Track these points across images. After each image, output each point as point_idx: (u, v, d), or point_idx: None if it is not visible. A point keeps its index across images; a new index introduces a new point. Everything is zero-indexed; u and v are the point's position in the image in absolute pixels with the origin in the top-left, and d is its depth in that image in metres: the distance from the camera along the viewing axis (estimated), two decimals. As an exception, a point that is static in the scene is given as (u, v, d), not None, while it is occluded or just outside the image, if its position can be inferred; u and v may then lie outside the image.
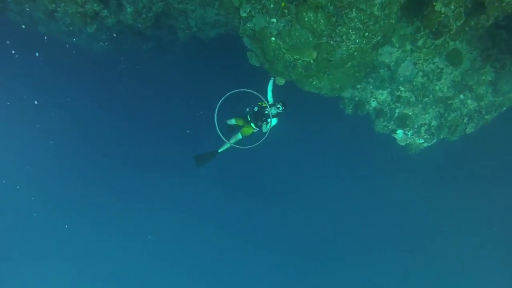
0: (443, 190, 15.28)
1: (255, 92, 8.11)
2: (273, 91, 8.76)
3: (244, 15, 7.42)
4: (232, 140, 9.17)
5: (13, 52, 14.69)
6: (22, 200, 19.30)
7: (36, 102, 17.02)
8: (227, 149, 9.33)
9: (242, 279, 21.15)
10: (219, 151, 9.38)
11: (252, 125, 9.05)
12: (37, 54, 14.95)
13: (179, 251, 21.09)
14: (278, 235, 19.69)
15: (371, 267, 18.85)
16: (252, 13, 7.34)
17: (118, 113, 18.15)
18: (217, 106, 7.62)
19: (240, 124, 9.24)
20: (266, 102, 8.45)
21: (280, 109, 8.84)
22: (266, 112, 8.77)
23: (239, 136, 9.20)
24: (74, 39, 13.72)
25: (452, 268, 17.59)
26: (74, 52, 14.44)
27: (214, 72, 15.20)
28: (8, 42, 14.17)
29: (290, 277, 20.40)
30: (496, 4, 6.23)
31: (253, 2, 7.20)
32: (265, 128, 8.85)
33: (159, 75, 16.55)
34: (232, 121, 9.37)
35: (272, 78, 8.71)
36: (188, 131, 16.79)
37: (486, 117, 9.54)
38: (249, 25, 7.63)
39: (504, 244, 16.13)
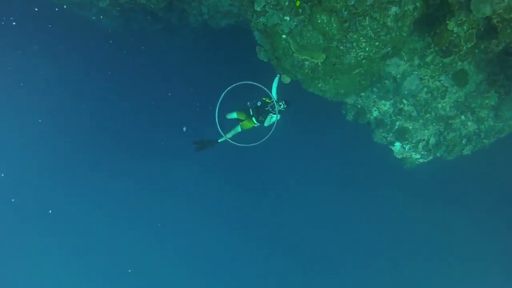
0: (433, 207, 15.44)
1: (263, 87, 8.15)
2: (277, 88, 8.80)
3: (258, 9, 7.46)
4: (231, 133, 9.22)
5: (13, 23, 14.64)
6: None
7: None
8: (232, 136, 9.36)
9: (232, 275, 21.23)
10: (218, 141, 9.42)
11: (254, 119, 9.09)
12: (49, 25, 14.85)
13: (174, 245, 21.03)
14: (265, 232, 19.74)
15: (357, 270, 19.00)
16: (266, 8, 7.38)
17: (118, 92, 17.96)
18: (221, 97, 7.65)
19: (242, 118, 9.26)
20: (272, 98, 8.49)
21: (281, 106, 8.89)
22: (268, 108, 8.83)
23: (239, 129, 9.25)
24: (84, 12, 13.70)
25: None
26: (82, 25, 14.38)
27: (220, 61, 15.12)
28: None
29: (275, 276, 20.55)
30: (508, 30, 6.30)
31: (268, -3, 7.24)
32: (268, 122, 8.88)
33: (165, 58, 16.45)
34: (233, 115, 9.35)
35: (278, 75, 8.76)
36: (184, 128, 16.72)
37: (484, 141, 9.65)
38: (261, 19, 7.68)
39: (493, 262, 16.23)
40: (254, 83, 7.91)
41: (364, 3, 6.61)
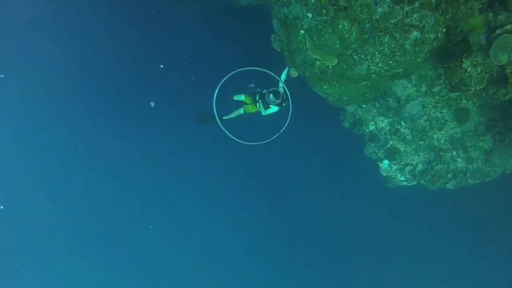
0: (405, 230, 15.86)
1: (276, 77, 8.21)
2: (285, 80, 8.80)
3: (283, -1, 7.56)
4: (234, 113, 9.27)
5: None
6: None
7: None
8: (230, 118, 9.47)
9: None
10: (223, 118, 9.46)
11: (257, 105, 9.09)
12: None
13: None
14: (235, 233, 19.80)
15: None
16: (291, 0, 7.47)
17: (114, 50, 17.07)
18: (225, 78, 7.65)
19: (248, 102, 9.26)
20: (283, 89, 8.46)
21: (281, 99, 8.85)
22: (271, 96, 8.72)
23: (241, 111, 9.24)
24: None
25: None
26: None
27: (231, 40, 14.70)
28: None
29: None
30: (518, 84, 6.57)
31: (296, -11, 7.32)
32: (265, 112, 8.92)
33: (174, 21, 15.84)
34: (241, 97, 9.28)
35: (287, 68, 8.84)
36: (152, 103, 16.07)
37: (469, 180, 10.03)
38: (284, 10, 7.77)
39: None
40: (267, 71, 7.95)
41: (388, 20, 6.75)
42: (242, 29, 14.02)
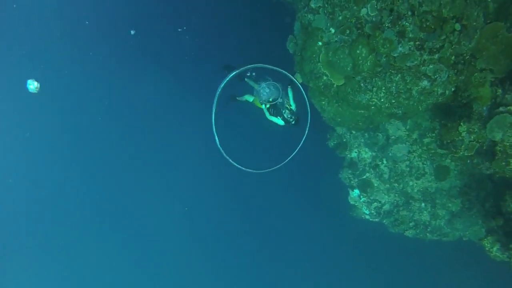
0: (354, 263, 16.32)
1: (296, 81, 8.25)
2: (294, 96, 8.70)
3: (312, 5, 7.63)
4: (245, 97, 9.20)
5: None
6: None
7: None
8: (239, 101, 9.56)
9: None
10: (237, 98, 9.56)
11: (263, 105, 8.81)
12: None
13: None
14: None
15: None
16: (320, 10, 7.58)
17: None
18: (230, 74, 7.57)
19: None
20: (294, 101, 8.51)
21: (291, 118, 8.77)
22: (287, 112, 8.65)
23: (250, 99, 9.23)
24: None
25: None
26: None
27: (246, 25, 14.38)
28: None
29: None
30: (503, 163, 6.90)
31: (327, 1, 7.43)
32: (269, 116, 8.79)
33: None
34: (252, 83, 9.12)
35: (296, 73, 8.87)
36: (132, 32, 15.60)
37: (428, 234, 10.46)
38: (310, 16, 7.88)
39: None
40: (290, 75, 7.99)
41: (405, 62, 6.96)
42: (262, 21, 13.86)
